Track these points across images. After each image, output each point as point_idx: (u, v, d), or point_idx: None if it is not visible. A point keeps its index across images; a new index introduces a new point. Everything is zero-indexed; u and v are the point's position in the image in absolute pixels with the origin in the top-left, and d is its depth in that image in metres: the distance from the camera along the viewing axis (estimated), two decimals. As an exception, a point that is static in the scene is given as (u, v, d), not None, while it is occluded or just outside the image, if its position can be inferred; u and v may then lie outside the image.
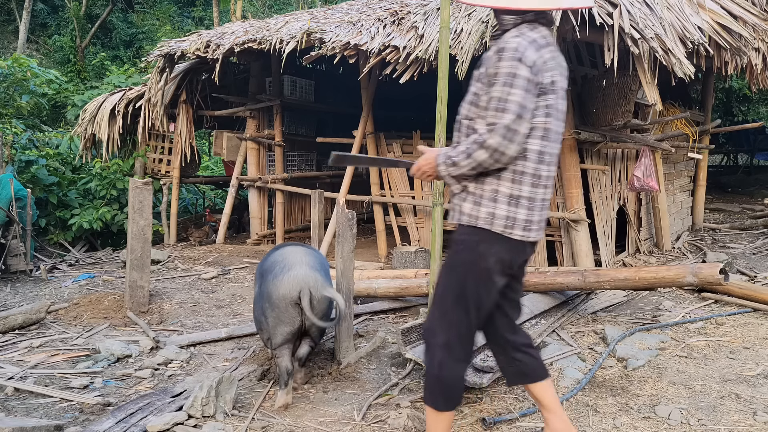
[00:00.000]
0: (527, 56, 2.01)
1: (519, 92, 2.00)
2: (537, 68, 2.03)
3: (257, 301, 3.16)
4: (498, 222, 2.11)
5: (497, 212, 2.11)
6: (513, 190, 2.11)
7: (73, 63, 15.52)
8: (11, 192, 6.20)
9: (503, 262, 2.14)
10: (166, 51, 7.05)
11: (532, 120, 2.06)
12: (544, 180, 2.14)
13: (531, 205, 2.13)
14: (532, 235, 2.15)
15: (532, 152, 2.09)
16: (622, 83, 5.17)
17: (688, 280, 3.84)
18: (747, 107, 11.67)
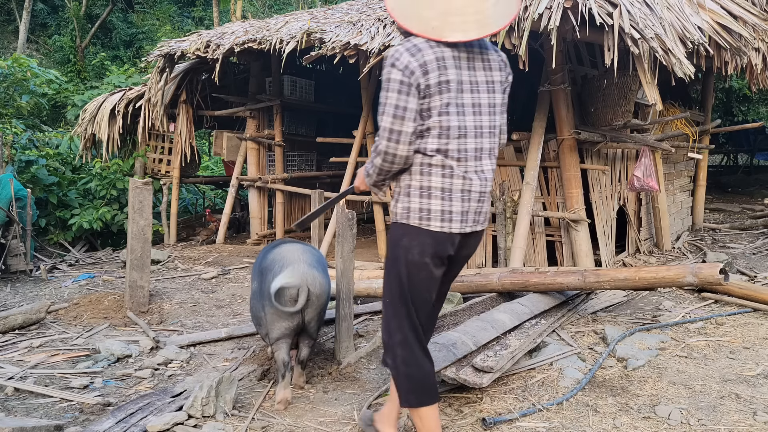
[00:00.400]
0: (400, 61, 2.09)
1: (393, 95, 2.09)
2: (411, 71, 2.08)
3: (256, 297, 3.19)
4: (413, 215, 2.20)
5: (411, 206, 2.21)
6: (423, 182, 2.19)
7: (73, 63, 15.52)
8: (11, 192, 6.20)
9: (427, 253, 2.20)
10: (166, 51, 7.05)
11: (422, 120, 2.14)
12: (458, 174, 2.18)
13: (447, 196, 2.18)
14: (455, 226, 2.20)
15: (431, 151, 2.17)
16: (622, 83, 5.17)
17: (688, 280, 3.83)
18: (747, 107, 11.67)
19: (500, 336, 3.46)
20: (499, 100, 2.28)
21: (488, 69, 2.24)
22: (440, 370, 2.89)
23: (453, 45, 2.14)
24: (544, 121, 5.45)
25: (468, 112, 2.19)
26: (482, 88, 2.23)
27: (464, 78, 2.17)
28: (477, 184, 2.23)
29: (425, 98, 2.12)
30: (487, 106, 2.24)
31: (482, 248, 6.00)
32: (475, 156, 2.23)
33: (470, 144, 2.20)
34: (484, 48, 2.25)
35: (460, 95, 2.16)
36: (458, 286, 4.42)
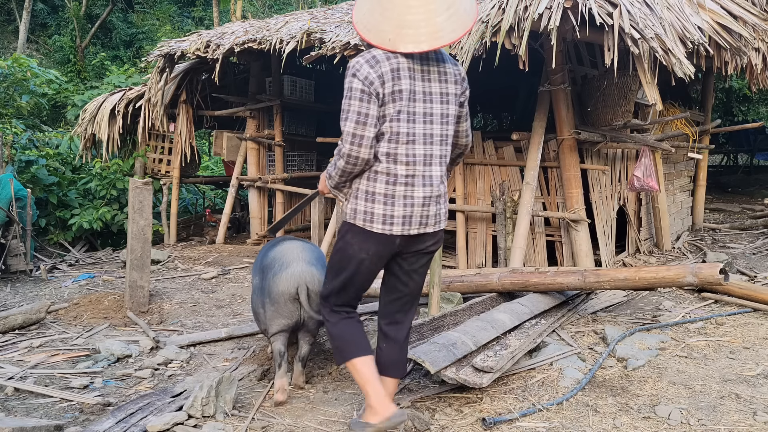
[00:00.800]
0: (361, 72, 2.27)
1: (355, 102, 2.27)
2: (371, 81, 2.26)
3: (256, 293, 3.25)
4: (359, 216, 2.39)
5: (358, 208, 2.40)
6: (367, 187, 2.38)
7: (73, 63, 15.52)
8: (11, 192, 6.20)
9: (364, 250, 2.42)
10: (166, 51, 7.05)
11: (379, 125, 2.31)
12: (403, 179, 2.35)
13: (389, 201, 2.36)
14: (396, 229, 2.37)
15: (381, 154, 2.34)
16: (622, 83, 5.17)
17: (688, 280, 3.83)
18: (747, 107, 11.67)
19: (500, 336, 3.46)
20: (452, 111, 2.44)
21: (444, 81, 2.40)
22: (440, 370, 2.89)
23: (409, 56, 2.30)
24: (544, 121, 5.45)
25: (419, 120, 2.35)
26: (435, 99, 2.39)
27: (417, 88, 2.34)
28: (421, 190, 2.38)
29: (382, 106, 2.30)
30: (440, 116, 2.40)
31: (482, 248, 6.01)
32: (424, 162, 2.38)
33: (419, 150, 2.37)
34: (442, 61, 2.42)
35: (412, 104, 2.33)
36: (458, 286, 4.42)
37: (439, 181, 2.44)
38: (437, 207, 2.45)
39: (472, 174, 6.09)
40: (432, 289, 3.85)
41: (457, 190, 6.13)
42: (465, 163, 6.07)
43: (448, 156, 2.49)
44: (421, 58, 2.34)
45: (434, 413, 2.83)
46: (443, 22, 2.26)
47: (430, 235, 2.48)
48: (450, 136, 2.47)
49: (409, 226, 2.39)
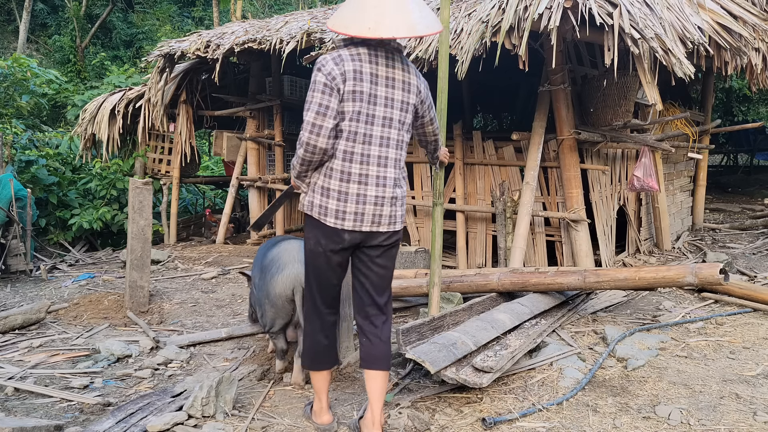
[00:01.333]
0: (326, 67, 2.40)
1: (318, 95, 2.39)
2: (333, 77, 2.39)
3: (258, 290, 3.36)
4: (315, 209, 2.52)
5: (314, 201, 2.53)
6: (323, 183, 2.50)
7: (73, 63, 15.52)
8: (11, 192, 6.21)
9: (322, 244, 2.54)
10: (166, 51, 7.05)
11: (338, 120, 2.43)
12: (356, 177, 2.47)
13: (342, 198, 2.48)
14: (347, 224, 2.49)
15: (339, 151, 2.46)
16: (622, 83, 5.17)
17: (688, 280, 3.83)
18: (747, 107, 11.67)
19: (500, 336, 3.46)
20: (410, 120, 2.59)
21: (407, 91, 2.54)
22: (440, 370, 2.89)
23: (374, 62, 2.46)
24: (544, 121, 5.45)
25: (377, 123, 2.48)
26: (396, 106, 2.52)
27: (380, 93, 2.48)
28: (374, 189, 2.50)
29: (341, 102, 2.42)
30: (398, 122, 2.53)
31: (482, 248, 6.01)
32: (378, 163, 2.51)
33: (374, 151, 2.50)
34: (407, 72, 2.56)
35: (372, 107, 2.46)
36: (458, 286, 4.42)
37: (393, 184, 2.55)
38: (392, 208, 2.56)
39: (472, 174, 6.09)
40: (432, 289, 3.85)
41: (457, 190, 6.13)
42: (465, 163, 6.08)
43: (402, 160, 2.62)
44: (387, 66, 2.49)
45: (434, 413, 2.84)
46: (417, 19, 2.43)
47: (384, 234, 2.57)
48: (405, 142, 2.61)
49: (360, 223, 2.50)
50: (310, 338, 2.72)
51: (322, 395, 2.74)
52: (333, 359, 2.74)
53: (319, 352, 2.70)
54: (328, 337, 2.71)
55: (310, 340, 2.72)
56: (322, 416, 2.74)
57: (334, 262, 2.59)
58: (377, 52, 2.48)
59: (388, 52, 2.51)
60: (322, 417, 2.74)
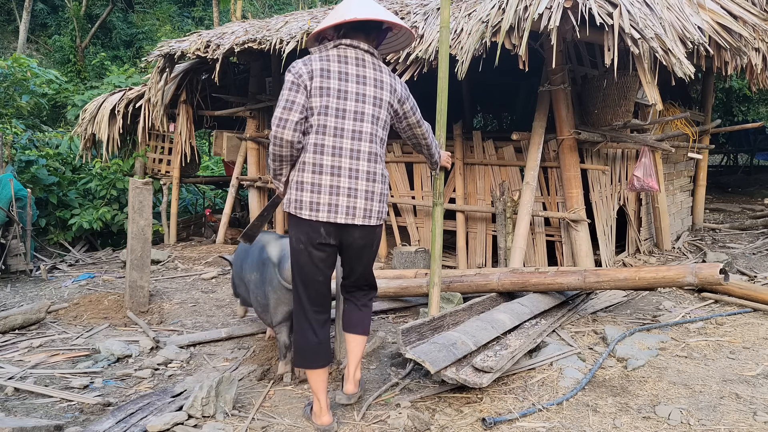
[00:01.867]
0: (295, 68, 2.59)
1: (286, 92, 2.55)
2: (300, 74, 2.56)
3: (258, 287, 3.44)
4: (291, 205, 2.62)
5: (291, 197, 2.62)
6: (297, 177, 2.60)
7: (73, 63, 15.52)
8: (11, 192, 6.21)
9: (302, 240, 2.63)
10: (166, 51, 7.05)
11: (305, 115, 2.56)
12: (328, 169, 2.58)
13: (316, 190, 2.57)
14: (322, 216, 2.57)
15: (310, 145, 2.58)
16: (622, 83, 5.16)
17: (688, 280, 3.83)
18: (747, 107, 11.67)
19: (500, 336, 3.46)
20: (384, 116, 2.70)
21: (379, 88, 2.67)
22: (440, 370, 2.89)
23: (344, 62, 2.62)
24: (544, 121, 5.45)
25: (348, 117, 2.60)
26: (368, 101, 2.64)
27: (350, 89, 2.61)
28: (347, 181, 2.59)
29: (310, 98, 2.57)
30: (371, 116, 2.64)
31: (482, 248, 6.01)
32: (351, 156, 2.60)
33: (346, 144, 2.60)
34: (379, 71, 2.70)
35: (342, 102, 2.59)
36: (458, 286, 4.42)
37: (366, 177, 2.63)
38: (367, 202, 2.63)
39: (472, 174, 6.09)
40: (432, 289, 3.85)
41: (457, 190, 6.13)
42: (465, 163, 6.08)
43: (379, 154, 2.70)
44: (357, 65, 2.64)
45: (434, 413, 2.84)
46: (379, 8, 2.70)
47: (359, 228, 2.65)
48: (381, 138, 2.71)
49: (335, 214, 2.58)
50: (300, 336, 2.77)
51: (321, 395, 2.73)
52: (327, 357, 2.77)
53: (310, 351, 2.73)
54: (319, 335, 2.74)
55: (300, 339, 2.76)
56: (322, 417, 2.73)
57: (316, 258, 2.65)
58: (347, 53, 2.64)
59: (358, 53, 2.66)
60: (322, 418, 2.73)
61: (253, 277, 3.56)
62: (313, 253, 2.64)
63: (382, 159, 2.73)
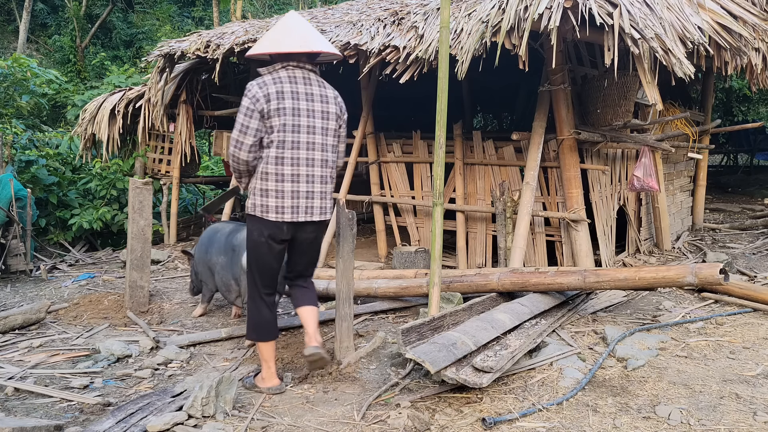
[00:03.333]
0: (251, 92, 2.96)
1: (241, 116, 2.96)
2: (257, 99, 2.94)
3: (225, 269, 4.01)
4: (257, 209, 3.04)
5: (256, 202, 3.04)
6: (262, 186, 3.02)
7: (73, 63, 15.51)
8: (11, 192, 6.20)
9: (264, 235, 3.06)
10: (166, 51, 7.05)
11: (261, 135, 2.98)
12: (289, 177, 3.01)
13: (280, 195, 3.01)
14: (287, 217, 3.03)
15: (272, 158, 2.99)
16: (622, 83, 5.16)
17: (688, 280, 3.83)
18: (747, 107, 11.67)
19: (500, 336, 3.46)
20: (332, 126, 3.13)
21: (326, 103, 3.10)
22: (440, 370, 2.89)
23: (294, 82, 3.00)
24: (544, 121, 5.45)
25: (302, 131, 3.02)
26: (318, 115, 3.07)
27: (302, 107, 3.01)
28: (305, 185, 3.05)
29: (268, 119, 2.94)
30: (321, 129, 3.08)
31: (482, 248, 6.01)
32: (307, 164, 3.05)
33: (302, 154, 3.03)
34: (323, 87, 3.12)
35: (297, 118, 2.99)
36: (458, 286, 4.43)
37: (320, 181, 3.11)
38: (321, 201, 3.13)
39: (472, 174, 6.09)
40: (432, 289, 3.85)
41: (457, 190, 6.13)
42: (465, 163, 6.08)
43: (329, 161, 3.14)
44: (305, 84, 3.04)
45: (434, 413, 2.84)
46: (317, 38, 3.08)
47: (314, 224, 3.14)
48: (331, 145, 3.15)
49: (297, 215, 3.05)
50: (255, 314, 3.19)
51: (271, 363, 3.19)
52: (275, 332, 3.24)
53: (262, 326, 3.19)
54: (270, 313, 3.19)
55: (255, 316, 3.19)
56: (273, 380, 3.19)
57: (275, 250, 3.12)
58: (295, 74, 3.03)
59: (304, 72, 3.06)
60: (272, 380, 3.19)
61: (220, 260, 4.07)
62: (273, 246, 3.09)
63: (333, 163, 3.19)
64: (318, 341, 3.21)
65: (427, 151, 6.35)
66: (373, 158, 6.65)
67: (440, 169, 3.90)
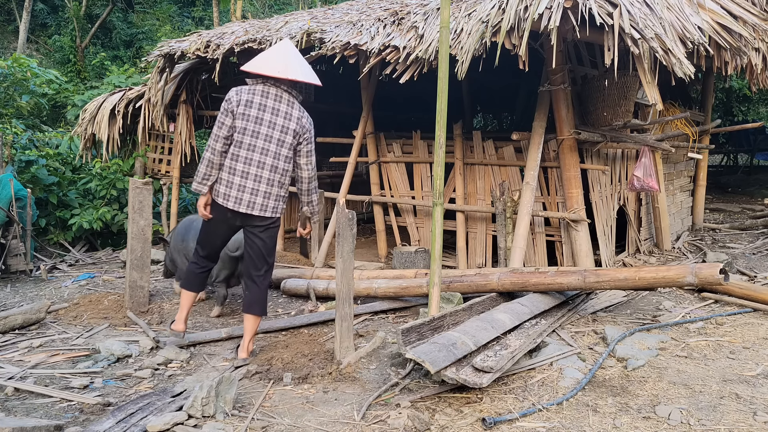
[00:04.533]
0: (229, 95, 3.54)
1: (220, 114, 3.54)
2: (230, 101, 3.52)
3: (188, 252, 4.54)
4: (215, 194, 3.60)
5: (215, 187, 3.60)
6: (221, 175, 3.57)
7: (73, 63, 15.50)
8: (11, 192, 6.20)
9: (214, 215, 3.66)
10: (166, 51, 7.05)
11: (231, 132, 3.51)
12: (239, 173, 3.53)
13: (228, 185, 3.54)
14: (229, 204, 3.54)
15: (230, 154, 3.54)
16: (622, 83, 5.16)
17: (688, 280, 3.84)
18: (747, 107, 11.67)
19: (500, 336, 3.46)
20: (289, 140, 3.57)
21: (288, 120, 3.56)
22: (440, 370, 2.89)
23: (266, 96, 3.53)
24: (544, 121, 5.45)
25: (260, 138, 3.52)
26: (277, 128, 3.54)
27: (265, 117, 3.52)
28: (251, 183, 3.53)
29: (234, 120, 3.50)
30: (277, 140, 3.55)
31: (482, 248, 6.01)
32: (257, 165, 3.53)
33: (255, 156, 3.53)
34: (291, 106, 3.58)
35: (258, 126, 3.51)
36: (458, 286, 4.42)
37: (267, 182, 3.55)
38: (264, 200, 3.56)
39: (472, 174, 6.09)
40: (432, 289, 3.85)
41: (457, 190, 6.13)
42: (465, 163, 6.08)
43: (280, 168, 3.57)
44: (275, 100, 3.54)
45: (434, 413, 2.84)
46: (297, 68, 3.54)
47: (257, 218, 3.58)
48: (285, 156, 3.58)
49: (239, 205, 3.54)
50: (189, 267, 3.91)
51: (184, 309, 3.82)
52: (196, 287, 3.86)
53: (189, 278, 3.85)
54: (201, 275, 3.85)
55: (188, 268, 3.91)
56: (178, 324, 3.78)
57: (219, 229, 3.70)
58: (269, 90, 3.54)
59: (279, 91, 3.54)
60: (178, 325, 3.78)
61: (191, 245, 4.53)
62: (219, 225, 3.68)
63: (285, 172, 3.60)
64: (246, 352, 3.65)
65: (427, 151, 6.35)
66: (373, 158, 6.65)
67: (440, 169, 3.90)
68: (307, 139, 3.63)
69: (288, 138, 3.56)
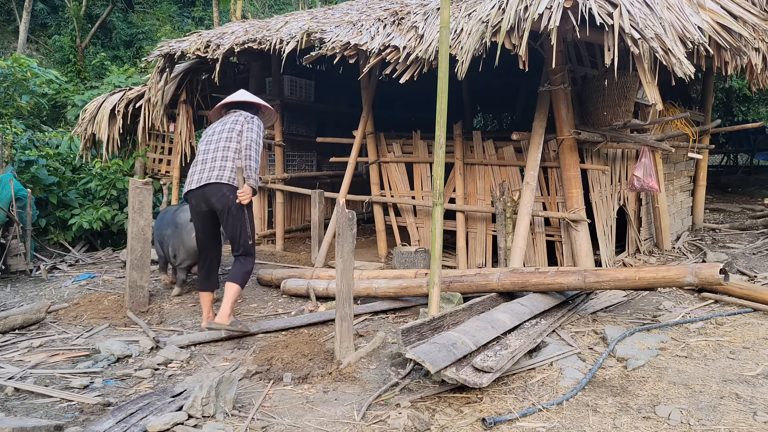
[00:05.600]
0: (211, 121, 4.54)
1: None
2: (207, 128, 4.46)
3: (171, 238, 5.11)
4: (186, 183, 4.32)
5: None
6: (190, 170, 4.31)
7: (73, 63, 15.50)
8: (11, 192, 6.20)
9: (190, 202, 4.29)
10: (166, 51, 7.05)
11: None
12: (199, 165, 4.23)
13: (191, 174, 4.25)
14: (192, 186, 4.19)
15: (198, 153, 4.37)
16: (622, 83, 5.16)
17: (688, 280, 3.84)
18: (747, 107, 11.67)
19: (500, 336, 3.46)
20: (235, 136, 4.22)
21: (235, 123, 4.30)
22: (440, 370, 2.89)
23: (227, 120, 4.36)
24: (544, 121, 5.45)
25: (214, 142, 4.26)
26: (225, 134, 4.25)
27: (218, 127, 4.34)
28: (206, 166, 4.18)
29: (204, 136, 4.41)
30: (225, 140, 4.23)
31: (482, 248, 6.01)
32: (213, 159, 4.18)
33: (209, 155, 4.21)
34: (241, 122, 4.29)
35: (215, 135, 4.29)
36: (458, 286, 4.42)
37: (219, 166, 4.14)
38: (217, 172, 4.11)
39: (472, 174, 6.09)
40: (432, 289, 3.85)
41: (457, 190, 6.13)
42: (465, 163, 6.08)
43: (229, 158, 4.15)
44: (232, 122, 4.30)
45: (434, 413, 2.84)
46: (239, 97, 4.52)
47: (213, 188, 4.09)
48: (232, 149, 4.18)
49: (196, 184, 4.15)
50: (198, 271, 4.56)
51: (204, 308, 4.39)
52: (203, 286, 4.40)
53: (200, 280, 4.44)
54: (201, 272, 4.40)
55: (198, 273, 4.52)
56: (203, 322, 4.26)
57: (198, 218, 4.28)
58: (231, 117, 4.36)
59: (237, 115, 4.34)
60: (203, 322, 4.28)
61: (168, 231, 5.14)
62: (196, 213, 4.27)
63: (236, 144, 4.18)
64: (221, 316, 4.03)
65: (427, 151, 6.35)
66: (373, 158, 6.65)
67: (440, 169, 3.90)
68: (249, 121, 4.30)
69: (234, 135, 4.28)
